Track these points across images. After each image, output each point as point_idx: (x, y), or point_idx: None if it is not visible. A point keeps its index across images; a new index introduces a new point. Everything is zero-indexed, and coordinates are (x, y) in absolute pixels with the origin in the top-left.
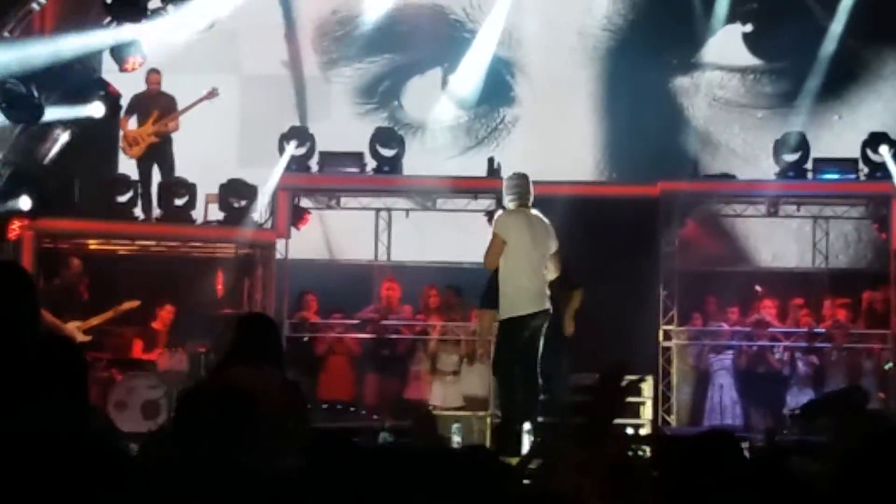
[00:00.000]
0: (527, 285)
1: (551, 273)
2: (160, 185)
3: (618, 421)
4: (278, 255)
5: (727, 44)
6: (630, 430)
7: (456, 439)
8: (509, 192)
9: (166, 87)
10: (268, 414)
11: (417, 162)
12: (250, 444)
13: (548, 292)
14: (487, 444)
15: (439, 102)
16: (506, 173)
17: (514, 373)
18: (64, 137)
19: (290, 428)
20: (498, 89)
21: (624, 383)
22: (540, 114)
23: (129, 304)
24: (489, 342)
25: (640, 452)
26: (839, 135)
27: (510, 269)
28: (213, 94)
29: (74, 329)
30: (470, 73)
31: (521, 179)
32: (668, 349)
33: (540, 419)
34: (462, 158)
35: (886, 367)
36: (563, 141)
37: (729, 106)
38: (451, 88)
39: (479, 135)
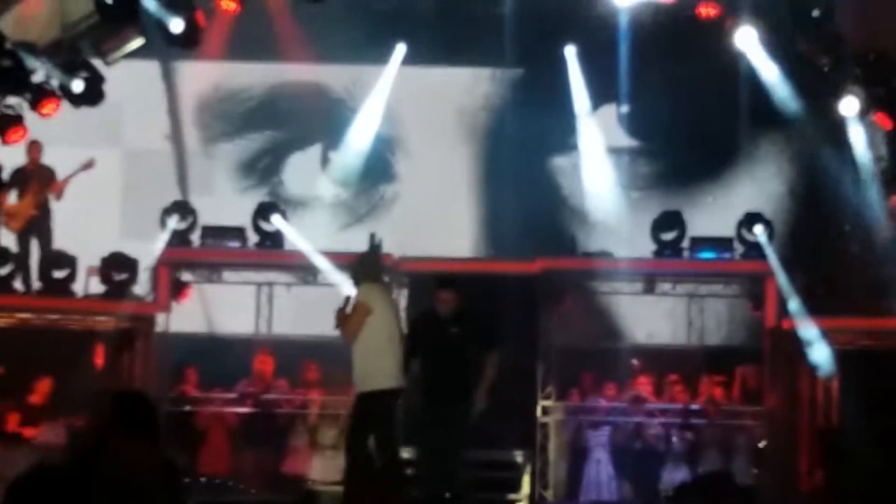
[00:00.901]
0: (389, 359)
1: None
2: (40, 258)
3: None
4: (158, 329)
5: (603, 124)
6: None
7: None
8: (366, 267)
9: (47, 159)
10: (141, 491)
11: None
12: None
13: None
14: None
15: (320, 180)
16: (387, 249)
17: (368, 449)
18: None
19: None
20: (378, 166)
21: None
22: (420, 191)
23: None
24: None
25: None
26: (715, 215)
27: (372, 342)
28: (90, 164)
29: None
30: (350, 151)
31: (376, 256)
32: (545, 424)
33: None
34: (343, 235)
35: (761, 444)
36: (443, 218)
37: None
38: (331, 166)
39: (359, 212)
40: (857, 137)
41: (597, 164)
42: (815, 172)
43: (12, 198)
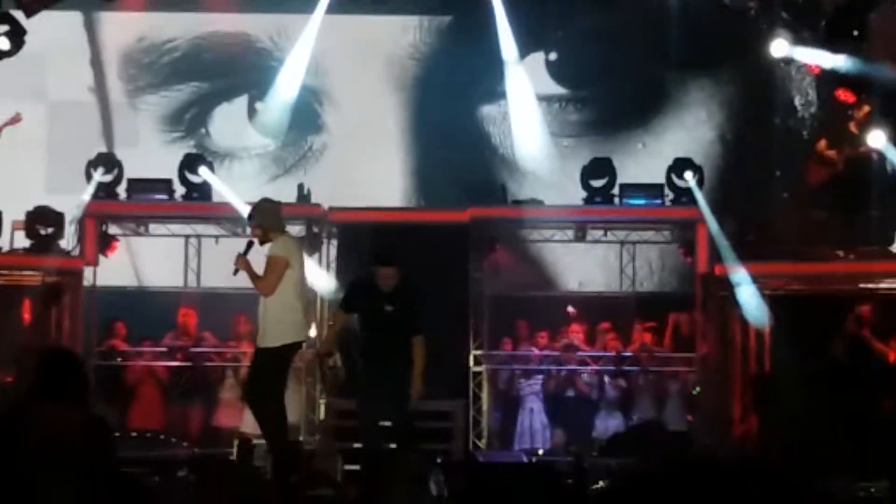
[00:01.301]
0: (300, 313)
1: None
2: None
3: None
4: (86, 283)
5: (532, 72)
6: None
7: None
8: (275, 217)
9: None
10: (70, 452)
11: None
12: None
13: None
14: None
15: (247, 131)
16: (316, 200)
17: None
18: None
19: (93, 465)
20: (306, 117)
21: None
22: (348, 141)
23: None
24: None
25: None
26: (644, 162)
27: (287, 296)
28: (16, 119)
29: None
30: (277, 102)
31: (278, 205)
32: (478, 374)
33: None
34: (271, 186)
35: (694, 391)
36: (371, 169)
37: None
38: (258, 117)
39: (287, 163)
40: (785, 82)
41: (526, 112)
42: (744, 118)
43: None
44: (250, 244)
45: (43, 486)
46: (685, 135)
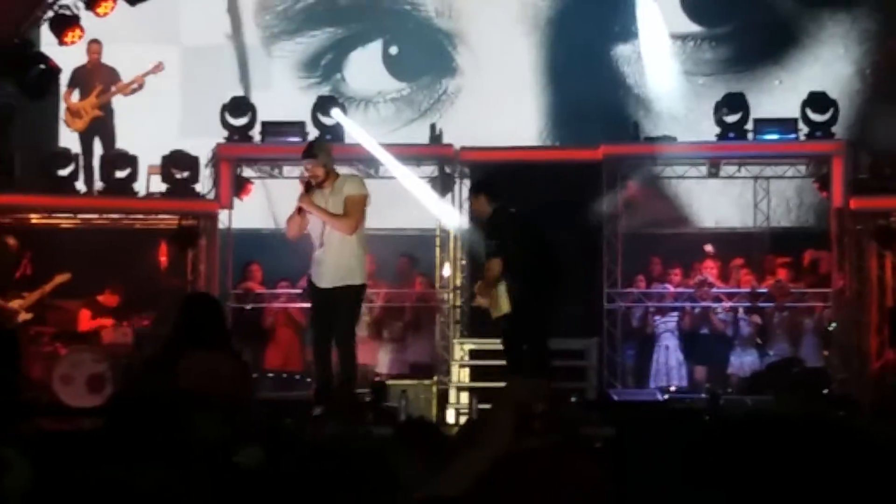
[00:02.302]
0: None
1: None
2: (102, 158)
3: (561, 385)
4: (221, 226)
5: (666, 11)
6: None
7: (401, 408)
8: (332, 156)
9: (107, 58)
10: (218, 398)
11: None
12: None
13: None
14: (433, 412)
15: (381, 75)
16: (451, 142)
17: None
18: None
19: (238, 408)
20: (440, 60)
21: None
22: (482, 84)
23: (60, 278)
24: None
25: None
26: (781, 99)
27: (363, 235)
28: (159, 67)
29: (17, 306)
30: (412, 45)
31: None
32: (612, 312)
33: None
34: (406, 130)
35: (830, 327)
36: (506, 110)
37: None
38: (392, 61)
39: (421, 106)
40: None
41: (659, 50)
42: (882, 52)
43: (74, 97)
44: (310, 184)
45: (198, 427)
46: (821, 70)
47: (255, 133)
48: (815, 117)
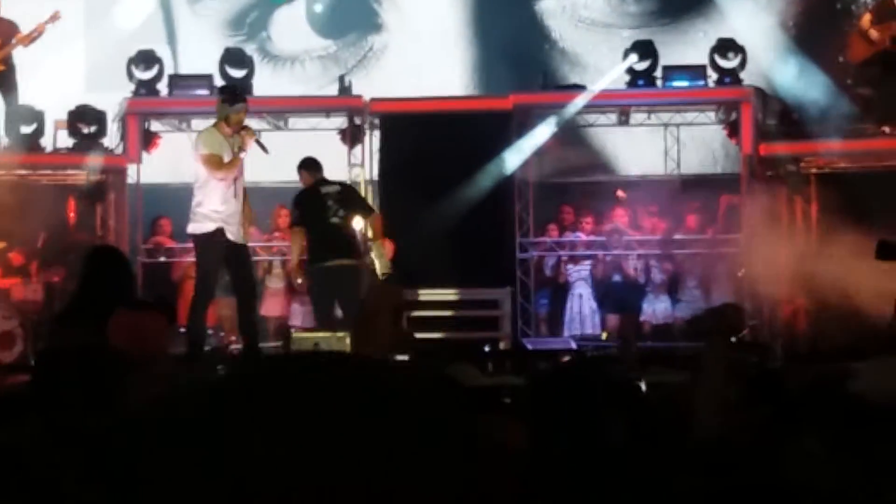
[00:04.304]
0: None
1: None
2: (7, 113)
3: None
4: (130, 181)
5: None
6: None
7: None
8: None
9: (5, 12)
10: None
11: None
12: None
13: None
14: None
15: (307, 33)
16: (361, 93)
17: None
18: None
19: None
20: (365, 17)
21: None
22: (407, 40)
23: None
24: None
25: None
26: (703, 49)
27: None
28: (55, 17)
29: None
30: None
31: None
32: (524, 261)
33: None
34: (334, 87)
35: (740, 273)
36: (431, 65)
37: (594, 26)
38: (317, 18)
39: (348, 63)
40: None
41: (584, 4)
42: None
43: None
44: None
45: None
46: (745, 22)
47: (162, 86)
48: (724, 63)
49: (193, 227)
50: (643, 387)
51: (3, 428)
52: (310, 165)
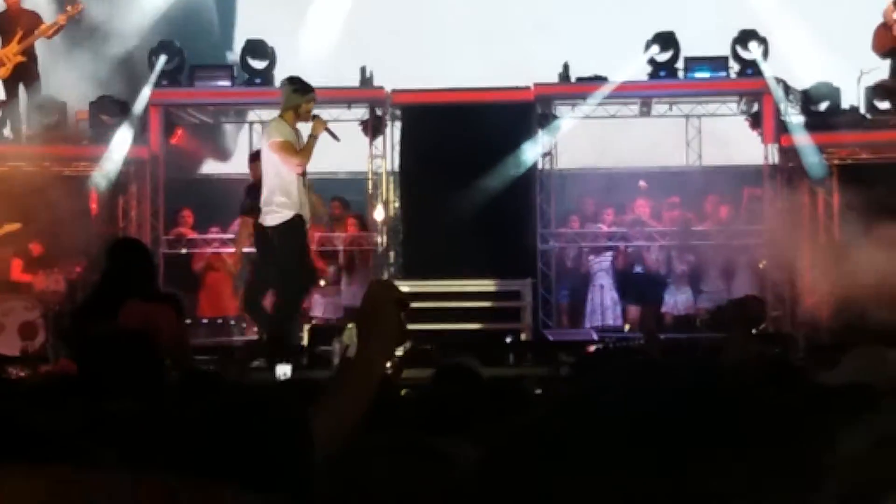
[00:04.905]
0: None
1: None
2: (29, 105)
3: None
4: (152, 172)
5: None
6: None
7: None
8: None
9: (29, 3)
10: (161, 350)
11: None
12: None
13: None
14: None
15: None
16: (383, 84)
17: None
18: None
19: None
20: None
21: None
22: (429, 28)
23: (9, 227)
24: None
25: None
26: (709, 33)
27: None
28: (77, 6)
29: None
30: None
31: None
32: (546, 252)
33: None
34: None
35: (761, 264)
36: (452, 55)
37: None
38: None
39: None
40: None
41: None
42: None
43: None
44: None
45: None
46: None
47: (183, 77)
48: (746, 54)
49: (273, 218)
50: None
51: (52, 415)
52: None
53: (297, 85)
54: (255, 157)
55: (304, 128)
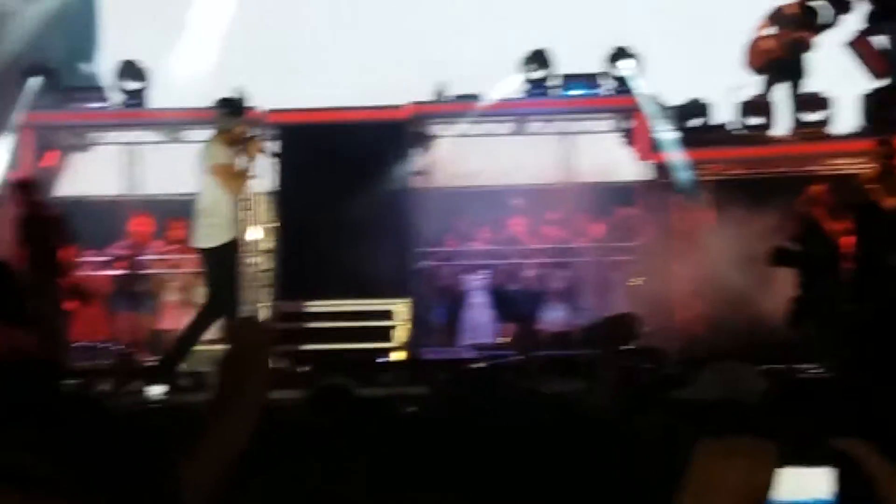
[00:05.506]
0: None
1: None
2: None
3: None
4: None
5: None
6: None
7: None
8: None
9: None
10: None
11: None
12: None
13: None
14: None
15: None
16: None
17: None
18: None
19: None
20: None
21: None
22: (304, 47)
23: None
24: None
25: None
26: (584, 51)
27: None
28: None
29: None
30: None
31: None
32: (421, 271)
33: None
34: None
35: (635, 281)
36: (328, 74)
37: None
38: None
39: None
40: None
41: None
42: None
43: None
44: None
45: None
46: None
47: (56, 100)
48: (619, 72)
49: (207, 241)
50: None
51: None
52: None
53: (229, 107)
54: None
55: None
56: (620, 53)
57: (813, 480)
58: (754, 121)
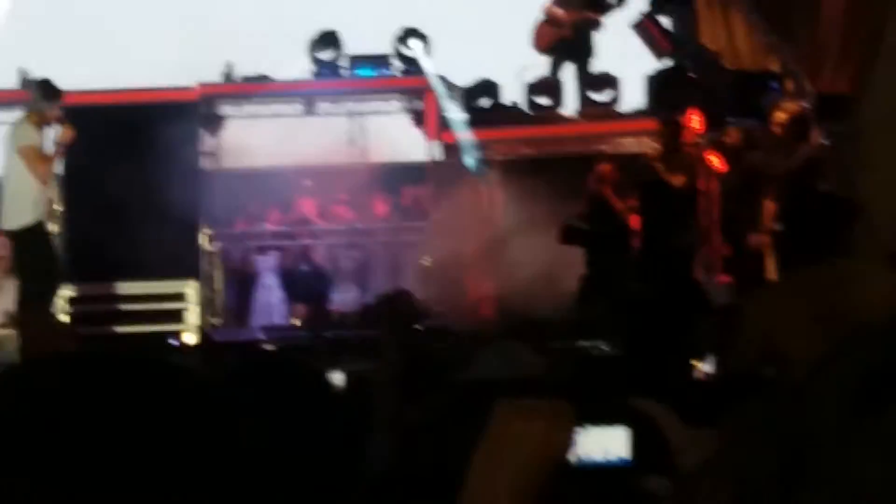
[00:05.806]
0: None
1: None
2: None
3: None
4: None
5: None
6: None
7: None
8: None
9: None
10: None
11: None
12: None
13: None
14: None
15: None
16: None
17: None
18: None
19: None
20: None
21: None
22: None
23: None
24: None
25: None
26: (373, 32)
27: None
28: None
29: None
30: None
31: None
32: (211, 252)
33: None
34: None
35: (424, 261)
36: (118, 53)
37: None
38: None
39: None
40: None
41: None
42: None
43: None
44: None
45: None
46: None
47: None
48: (408, 53)
49: (13, 223)
50: (339, 375)
51: None
52: None
53: (44, 89)
54: None
55: None
56: (410, 34)
57: (609, 440)
58: (543, 101)
